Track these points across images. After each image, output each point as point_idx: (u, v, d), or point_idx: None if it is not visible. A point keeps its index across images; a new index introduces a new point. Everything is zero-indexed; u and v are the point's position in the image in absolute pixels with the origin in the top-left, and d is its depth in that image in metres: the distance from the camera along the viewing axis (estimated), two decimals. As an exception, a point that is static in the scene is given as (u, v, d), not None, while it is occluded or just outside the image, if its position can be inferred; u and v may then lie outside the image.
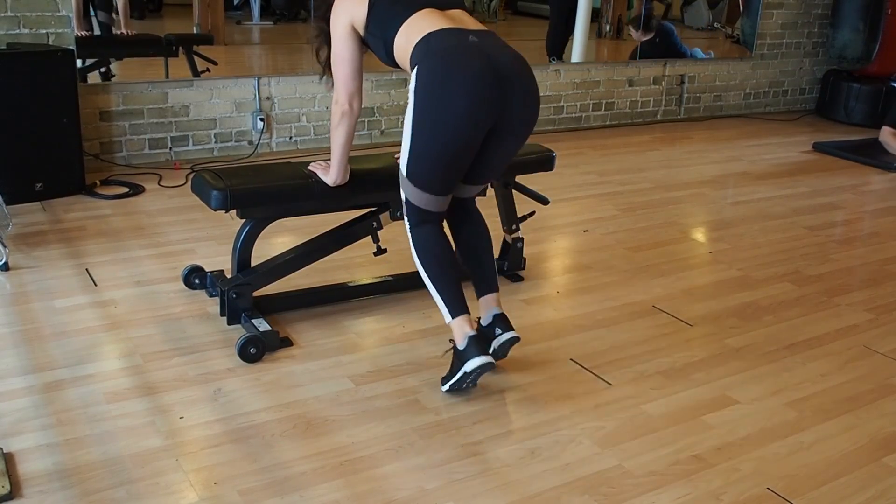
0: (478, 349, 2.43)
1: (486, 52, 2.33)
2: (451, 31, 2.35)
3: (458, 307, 2.49)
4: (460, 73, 2.28)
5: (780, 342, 3.04)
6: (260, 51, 5.99)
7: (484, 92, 2.29)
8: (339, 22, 2.55)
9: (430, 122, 2.33)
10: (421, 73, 2.32)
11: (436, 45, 2.33)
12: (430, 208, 2.51)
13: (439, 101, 2.30)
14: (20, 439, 2.23)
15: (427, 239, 2.53)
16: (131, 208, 4.09)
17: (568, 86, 6.22)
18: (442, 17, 2.41)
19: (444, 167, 2.42)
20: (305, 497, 2.07)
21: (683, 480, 2.22)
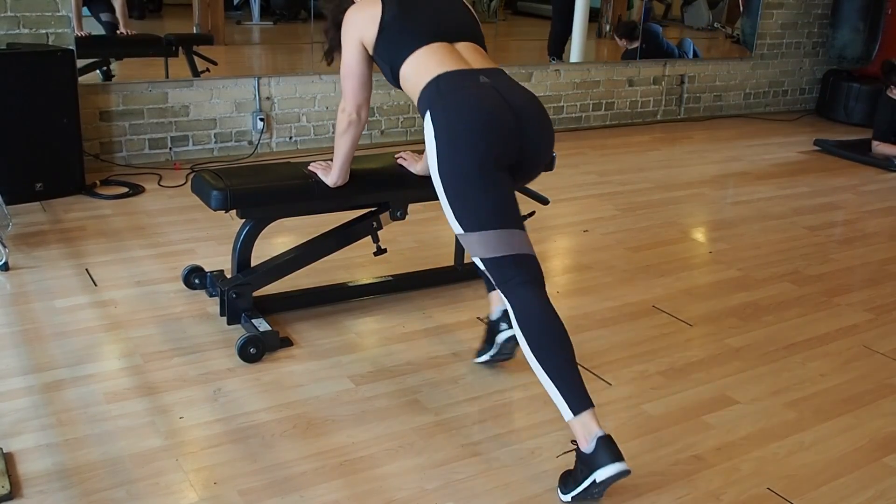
0: (611, 454, 2.02)
1: (500, 91, 2.26)
2: (462, 73, 2.28)
3: (581, 399, 2.08)
4: (476, 113, 2.20)
5: (780, 342, 3.04)
6: (260, 51, 5.99)
7: (503, 122, 2.20)
8: (349, 36, 2.47)
9: (455, 163, 2.19)
10: (436, 118, 2.22)
11: (446, 89, 2.25)
12: (508, 250, 2.18)
13: (458, 139, 2.20)
14: (20, 439, 2.23)
15: (528, 304, 2.16)
16: (131, 208, 4.09)
17: (568, 86, 6.22)
18: (451, 55, 2.33)
19: (484, 197, 2.19)
20: (305, 497, 2.07)
21: (683, 480, 2.22)
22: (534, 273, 2.21)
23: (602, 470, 2.01)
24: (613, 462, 2.01)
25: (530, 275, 2.20)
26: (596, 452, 2.02)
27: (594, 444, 2.03)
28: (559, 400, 2.08)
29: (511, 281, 2.18)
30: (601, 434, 2.04)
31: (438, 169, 2.21)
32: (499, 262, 2.18)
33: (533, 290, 2.18)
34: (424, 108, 2.28)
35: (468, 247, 2.23)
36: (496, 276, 2.20)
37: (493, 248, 2.18)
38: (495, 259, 2.18)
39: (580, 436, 2.07)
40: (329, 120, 5.26)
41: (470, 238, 2.21)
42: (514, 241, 2.19)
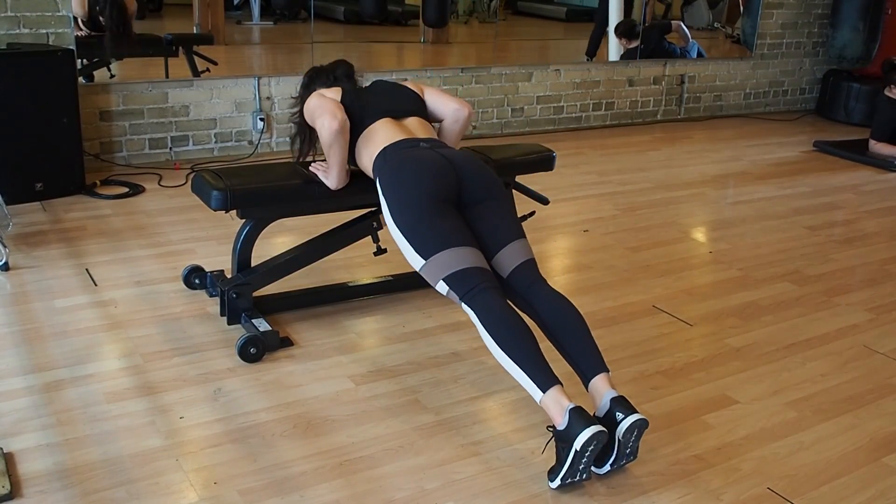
0: (583, 420, 2.07)
1: (436, 149, 2.61)
2: (404, 142, 2.65)
3: (547, 377, 2.16)
4: (415, 161, 2.54)
5: (780, 342, 3.04)
6: (260, 51, 5.99)
7: (437, 166, 2.51)
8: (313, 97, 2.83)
9: (403, 201, 2.47)
10: (382, 177, 2.57)
11: (391, 155, 2.60)
12: (463, 264, 2.34)
13: (403, 182, 2.50)
14: (20, 439, 2.23)
15: (487, 306, 2.28)
16: (131, 208, 4.09)
17: (568, 86, 6.22)
18: (397, 129, 2.71)
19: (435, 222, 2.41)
20: (305, 497, 2.07)
21: (683, 480, 2.22)
22: (493, 281, 2.37)
23: (579, 437, 2.05)
24: (588, 426, 2.06)
25: (490, 283, 2.35)
26: (570, 424, 2.08)
27: (567, 417, 2.09)
28: (528, 382, 2.17)
29: (472, 290, 2.32)
30: (572, 406, 2.11)
31: (391, 217, 2.49)
32: (459, 276, 2.34)
33: (492, 294, 2.32)
34: (375, 176, 2.63)
35: (430, 275, 2.40)
36: (459, 291, 2.34)
37: (450, 265, 2.35)
38: (454, 274, 2.34)
39: (554, 412, 2.12)
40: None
41: (430, 263, 2.38)
42: (470, 256, 2.37)
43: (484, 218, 2.50)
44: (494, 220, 2.51)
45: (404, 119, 2.79)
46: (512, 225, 2.53)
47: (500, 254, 2.46)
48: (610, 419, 2.15)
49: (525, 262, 2.47)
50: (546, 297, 2.42)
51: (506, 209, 2.57)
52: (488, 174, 2.59)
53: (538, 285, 2.45)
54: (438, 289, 2.39)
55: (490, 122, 5.92)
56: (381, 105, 2.80)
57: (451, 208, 2.47)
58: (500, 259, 2.46)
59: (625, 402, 2.17)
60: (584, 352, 2.31)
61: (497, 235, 2.48)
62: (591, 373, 2.26)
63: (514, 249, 2.47)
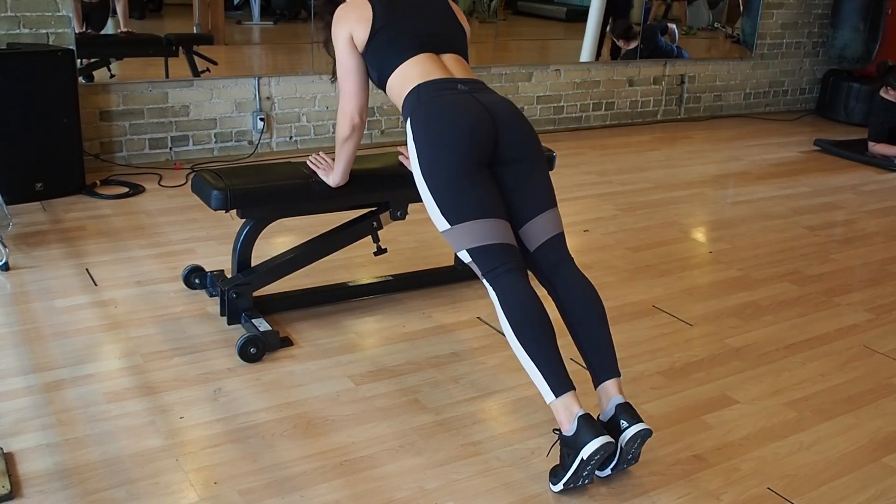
0: (592, 430, 2.04)
1: (474, 95, 2.39)
2: (440, 81, 2.41)
3: (562, 382, 2.10)
4: (451, 115, 2.32)
5: (780, 342, 3.04)
6: (260, 51, 5.99)
7: (476, 120, 2.30)
8: (340, 35, 2.54)
9: (435, 159, 2.29)
10: (414, 121, 2.36)
11: (426, 96, 2.38)
12: (492, 239, 2.22)
13: (437, 137, 2.30)
14: (20, 439, 2.23)
15: (512, 292, 2.18)
16: (131, 208, 4.09)
17: (568, 86, 6.22)
18: (434, 66, 2.46)
19: (467, 189, 2.25)
20: (305, 497, 2.07)
21: (683, 480, 2.22)
22: (518, 262, 2.25)
23: (587, 446, 2.02)
24: (597, 436, 2.03)
25: (515, 262, 2.24)
26: (578, 432, 2.05)
27: (575, 425, 2.05)
28: (541, 382, 2.12)
29: (497, 269, 2.22)
30: (581, 413, 2.07)
31: (420, 169, 2.31)
32: (484, 251, 2.23)
33: (517, 277, 2.22)
34: (406, 115, 2.43)
35: (454, 241, 2.28)
36: (482, 266, 2.24)
37: (477, 238, 2.23)
38: (480, 248, 2.23)
39: (562, 417, 2.09)
40: (329, 120, 5.26)
41: (455, 231, 2.26)
42: (499, 230, 2.24)
43: (517, 181, 2.33)
44: (528, 185, 2.34)
45: (443, 54, 2.53)
46: (546, 192, 2.38)
47: (529, 224, 2.32)
48: (614, 425, 2.13)
49: (554, 237, 2.34)
50: (570, 282, 2.32)
51: (540, 174, 2.39)
52: (528, 132, 2.40)
53: (564, 266, 2.33)
54: (460, 255, 2.28)
55: (490, 122, 5.91)
56: (420, 32, 2.51)
57: (484, 171, 2.29)
58: (528, 230, 2.32)
59: (630, 410, 2.14)
60: (598, 352, 2.24)
61: (529, 203, 2.33)
62: (603, 375, 2.22)
63: (545, 221, 2.33)
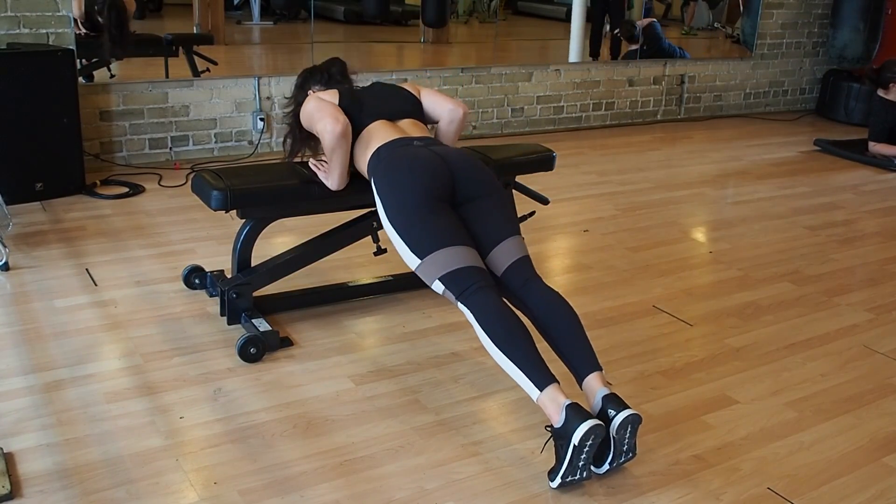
0: (580, 415, 2.07)
1: (429, 147, 2.61)
2: (398, 141, 2.65)
3: (544, 376, 2.16)
4: (408, 160, 2.54)
5: (780, 342, 3.04)
6: (260, 51, 5.99)
7: (431, 164, 2.50)
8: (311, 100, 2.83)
9: (398, 201, 2.46)
10: (377, 176, 2.57)
11: (385, 153, 2.61)
12: (458, 264, 2.34)
13: (398, 181, 2.49)
14: (20, 439, 2.23)
15: (482, 305, 2.28)
16: (131, 208, 4.09)
17: (568, 86, 6.22)
18: (391, 129, 2.72)
19: (430, 222, 2.40)
20: (305, 497, 2.07)
21: (683, 480, 2.22)
22: (487, 280, 2.37)
23: (576, 431, 2.05)
24: (584, 420, 2.06)
25: (485, 281, 2.35)
26: (567, 420, 2.08)
27: (564, 414, 2.09)
28: (524, 381, 2.17)
29: (468, 289, 2.32)
30: (568, 402, 2.11)
31: (386, 215, 2.49)
32: (454, 276, 2.34)
33: (488, 293, 2.32)
34: (370, 174, 2.64)
35: (426, 274, 2.40)
36: (455, 290, 2.34)
37: (446, 264, 2.35)
38: (450, 273, 2.34)
39: (551, 410, 2.12)
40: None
41: (425, 264, 2.38)
42: (465, 255, 2.37)
43: (478, 215, 2.49)
44: (488, 217, 2.49)
45: (399, 120, 2.80)
46: (506, 222, 2.52)
47: (493, 252, 2.45)
48: (603, 417, 2.15)
49: (518, 259, 2.46)
50: (540, 295, 2.41)
51: (500, 206, 2.55)
52: (482, 171, 2.59)
53: (532, 283, 2.43)
54: (434, 288, 2.39)
55: (490, 122, 5.92)
56: (376, 107, 2.82)
57: (445, 206, 2.46)
58: (493, 257, 2.45)
59: (616, 399, 2.17)
60: (576, 350, 2.30)
61: (491, 233, 2.47)
62: (584, 371, 2.26)
63: (508, 247, 2.46)
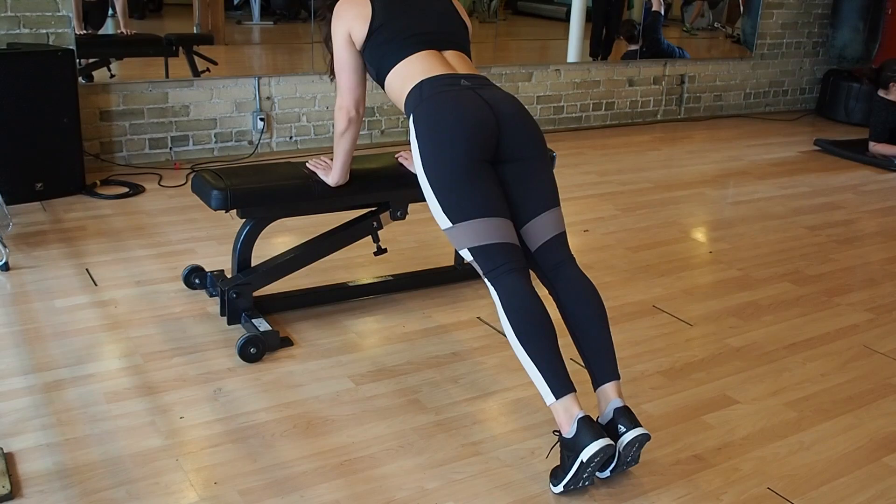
0: (592, 432, 2.03)
1: (477, 91, 2.35)
2: (444, 77, 2.38)
3: (562, 384, 2.09)
4: (454, 111, 2.28)
5: (780, 342, 3.04)
6: (260, 51, 5.99)
7: (479, 116, 2.27)
8: (339, 31, 2.54)
9: (438, 157, 2.26)
10: (417, 118, 2.33)
11: (428, 92, 2.35)
12: (495, 238, 2.21)
13: (440, 134, 2.27)
14: (20, 439, 2.23)
15: (514, 292, 2.17)
16: (131, 208, 4.09)
17: (568, 86, 6.22)
18: (437, 62, 2.43)
19: (469, 187, 2.23)
20: (305, 497, 2.07)
21: (683, 480, 2.22)
22: (520, 261, 2.24)
23: (586, 449, 2.02)
24: (596, 439, 2.02)
25: (517, 263, 2.23)
26: (578, 434, 2.04)
27: (575, 427, 2.05)
28: (542, 384, 2.11)
29: (498, 269, 2.20)
30: (582, 415, 2.07)
31: (423, 166, 2.29)
32: (486, 251, 2.21)
33: (519, 277, 2.20)
34: (409, 111, 2.39)
35: (456, 239, 2.26)
36: (484, 265, 2.22)
37: (480, 237, 2.21)
38: (483, 247, 2.21)
39: (562, 419, 2.09)
40: (329, 120, 5.26)
41: (458, 229, 2.24)
42: (501, 230, 2.23)
43: (520, 179, 2.32)
44: (531, 183, 2.33)
45: (445, 50, 2.50)
46: (549, 191, 2.36)
47: (531, 223, 2.31)
48: (612, 428, 2.12)
49: (555, 237, 2.33)
50: (570, 283, 2.30)
51: (544, 172, 2.38)
52: (532, 129, 2.37)
53: (565, 266, 2.32)
54: (461, 253, 2.27)
55: (490, 122, 5.91)
56: (421, 29, 2.49)
57: (487, 169, 2.27)
58: (530, 229, 2.31)
59: (629, 415, 2.13)
60: (598, 354, 2.23)
61: (531, 202, 2.32)
62: (602, 378, 2.20)
63: (547, 221, 2.32)
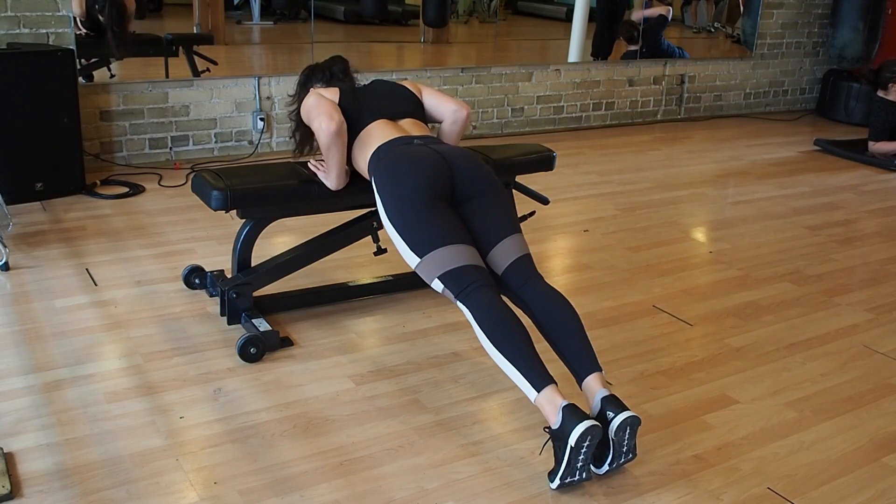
0: (577, 416, 2.07)
1: (429, 146, 2.61)
2: (398, 140, 2.65)
3: (541, 377, 2.16)
4: (408, 158, 2.53)
5: (780, 342, 3.04)
6: (260, 50, 5.99)
7: (430, 162, 2.50)
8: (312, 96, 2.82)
9: (398, 199, 2.46)
10: (377, 175, 2.57)
11: (385, 152, 2.61)
12: (459, 262, 2.34)
13: (398, 180, 2.48)
14: (20, 439, 2.23)
15: (481, 304, 2.28)
16: (131, 208, 4.09)
17: (568, 85, 6.22)
18: (392, 128, 2.72)
19: (430, 221, 2.40)
20: (305, 497, 2.07)
21: (683, 480, 2.22)
22: (487, 279, 2.36)
23: (573, 433, 2.04)
24: (580, 421, 2.05)
25: (484, 280, 2.35)
26: (564, 421, 2.08)
27: (560, 415, 2.09)
28: (521, 381, 2.17)
29: (467, 288, 2.32)
30: (566, 404, 2.11)
31: (386, 212, 2.49)
32: (453, 274, 2.34)
33: (488, 292, 2.32)
34: (370, 174, 2.64)
35: (425, 272, 2.40)
36: (454, 289, 2.34)
37: (445, 263, 2.35)
38: (450, 272, 2.34)
39: (548, 412, 2.12)
40: (329, 120, 5.25)
41: (425, 262, 2.38)
42: (465, 254, 2.37)
43: (478, 214, 2.49)
44: (488, 215, 2.49)
45: (400, 120, 2.80)
46: (506, 221, 2.51)
47: (494, 250, 2.45)
48: (602, 418, 2.14)
49: (519, 258, 2.45)
50: (540, 295, 2.40)
51: (500, 204, 2.54)
52: (482, 169, 2.58)
53: (532, 282, 2.43)
54: (434, 286, 2.39)
55: (490, 122, 5.92)
56: (377, 106, 2.81)
57: (445, 205, 2.46)
58: (494, 255, 2.45)
59: (615, 401, 2.16)
60: (576, 351, 2.29)
61: (491, 231, 2.47)
62: (584, 372, 2.25)
63: (508, 246, 2.46)
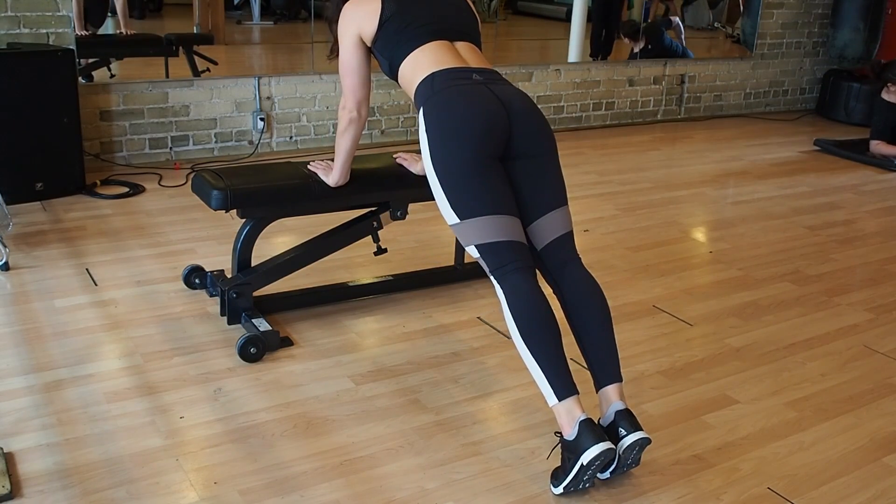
0: (593, 435, 2.03)
1: (489, 86, 2.33)
2: (455, 70, 2.35)
3: (566, 386, 2.09)
4: (465, 103, 2.26)
5: (780, 342, 3.04)
6: (260, 50, 5.99)
7: (489, 111, 2.25)
8: (347, 31, 2.52)
9: (447, 152, 2.24)
10: (427, 111, 2.30)
11: (440, 85, 2.32)
12: (502, 236, 2.19)
13: (450, 129, 2.25)
14: (20, 439, 2.23)
15: (520, 291, 2.16)
16: (131, 208, 4.09)
17: (568, 85, 6.22)
18: (448, 54, 2.40)
19: (478, 184, 2.21)
20: (305, 497, 2.07)
21: (683, 480, 2.22)
22: (527, 260, 2.23)
23: (587, 452, 2.02)
24: (597, 442, 2.02)
25: (524, 261, 2.22)
26: (579, 436, 2.04)
27: (577, 429, 2.05)
28: (545, 385, 2.11)
29: (505, 267, 2.19)
30: (583, 418, 2.07)
31: (432, 160, 2.26)
32: (493, 248, 2.20)
33: (525, 276, 2.19)
34: (419, 104, 2.36)
35: (463, 235, 2.24)
36: (490, 263, 2.21)
37: (487, 234, 2.20)
38: (490, 245, 2.20)
39: (564, 421, 2.09)
40: (329, 120, 5.26)
41: (465, 226, 2.22)
42: (508, 227, 2.21)
43: (529, 177, 2.29)
44: (540, 181, 2.30)
45: (457, 42, 2.46)
46: (557, 190, 2.33)
47: (538, 221, 2.29)
48: (613, 431, 2.12)
49: (562, 236, 2.31)
50: (577, 282, 2.29)
51: (554, 169, 2.34)
52: (542, 125, 2.35)
53: (571, 265, 2.31)
54: (468, 250, 2.26)
55: (490, 121, 5.91)
56: (430, 24, 2.45)
57: (496, 166, 2.25)
58: (537, 227, 2.29)
59: (630, 418, 2.13)
60: (601, 356, 2.22)
61: (539, 200, 2.29)
62: (605, 380, 2.19)
63: (555, 219, 2.30)
